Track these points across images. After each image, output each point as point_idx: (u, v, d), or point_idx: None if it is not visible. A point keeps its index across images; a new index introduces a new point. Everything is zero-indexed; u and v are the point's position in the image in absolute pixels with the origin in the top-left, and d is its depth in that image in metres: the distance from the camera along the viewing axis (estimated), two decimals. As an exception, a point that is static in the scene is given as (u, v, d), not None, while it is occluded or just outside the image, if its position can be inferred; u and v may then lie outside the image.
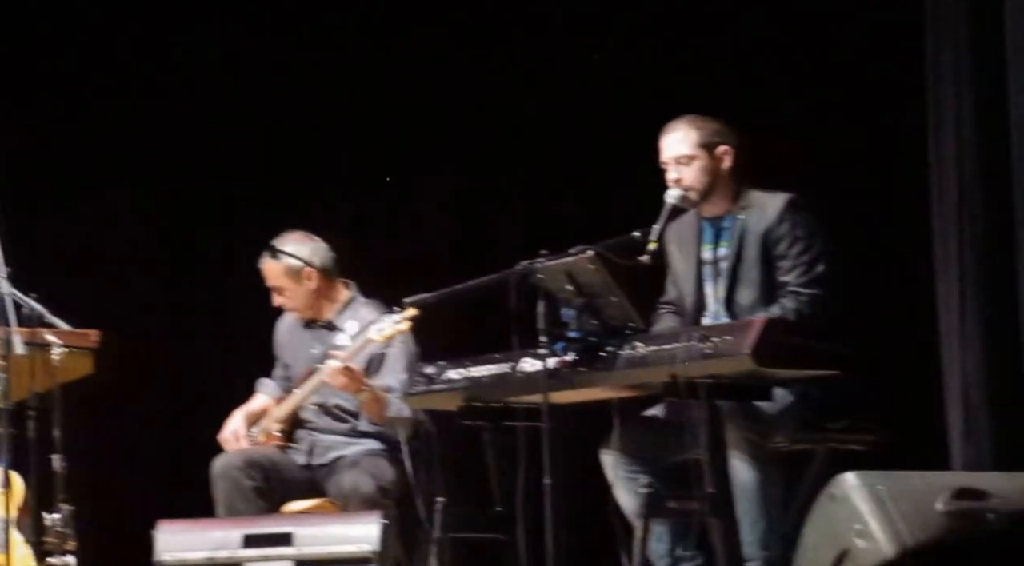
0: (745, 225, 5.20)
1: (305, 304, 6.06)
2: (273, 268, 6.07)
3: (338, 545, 5.22)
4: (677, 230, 5.37)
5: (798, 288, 5.09)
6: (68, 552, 5.59)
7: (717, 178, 5.27)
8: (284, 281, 6.05)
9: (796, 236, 5.14)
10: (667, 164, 5.29)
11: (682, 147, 5.27)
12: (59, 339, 5.59)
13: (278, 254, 6.07)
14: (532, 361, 5.08)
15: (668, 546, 5.10)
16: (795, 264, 5.13)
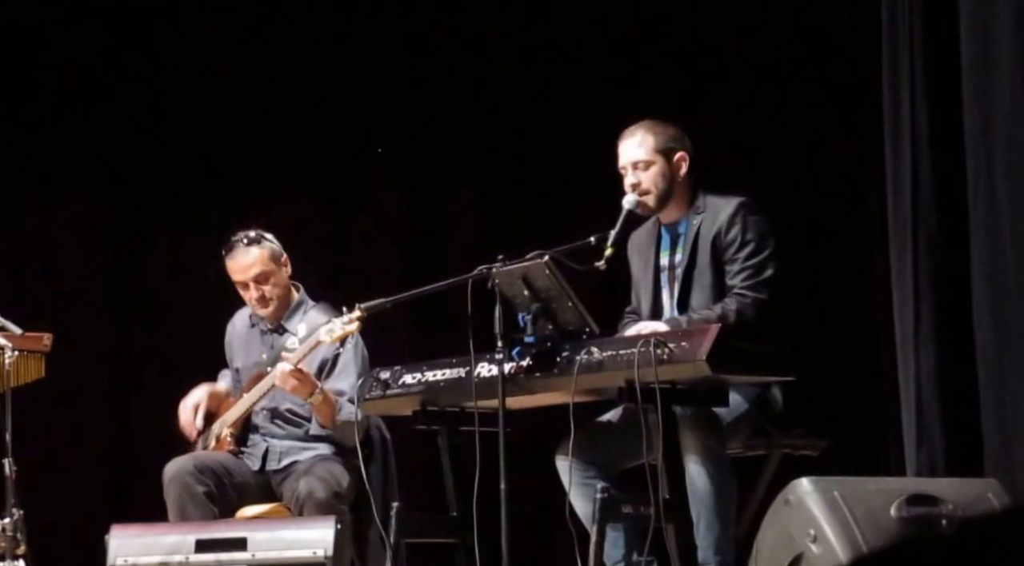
0: (699, 230, 5.23)
1: (280, 296, 5.92)
2: (259, 254, 5.87)
3: (292, 550, 5.20)
4: (638, 238, 5.40)
5: (743, 291, 5.12)
6: (19, 557, 5.58)
7: (674, 183, 5.30)
8: (271, 266, 5.88)
9: (746, 239, 5.17)
10: (624, 169, 5.31)
11: (639, 152, 5.29)
12: (11, 342, 5.58)
13: (261, 240, 5.90)
14: (488, 366, 5.07)
15: (623, 551, 5.11)
16: (742, 267, 5.15)
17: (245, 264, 5.89)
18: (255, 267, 5.89)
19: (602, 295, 5.52)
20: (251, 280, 5.89)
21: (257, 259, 5.89)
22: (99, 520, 5.77)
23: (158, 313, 7.44)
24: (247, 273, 5.89)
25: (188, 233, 7.37)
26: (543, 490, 5.97)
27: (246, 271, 5.89)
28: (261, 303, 5.92)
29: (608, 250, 5.10)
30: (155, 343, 7.37)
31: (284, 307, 5.97)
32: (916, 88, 5.50)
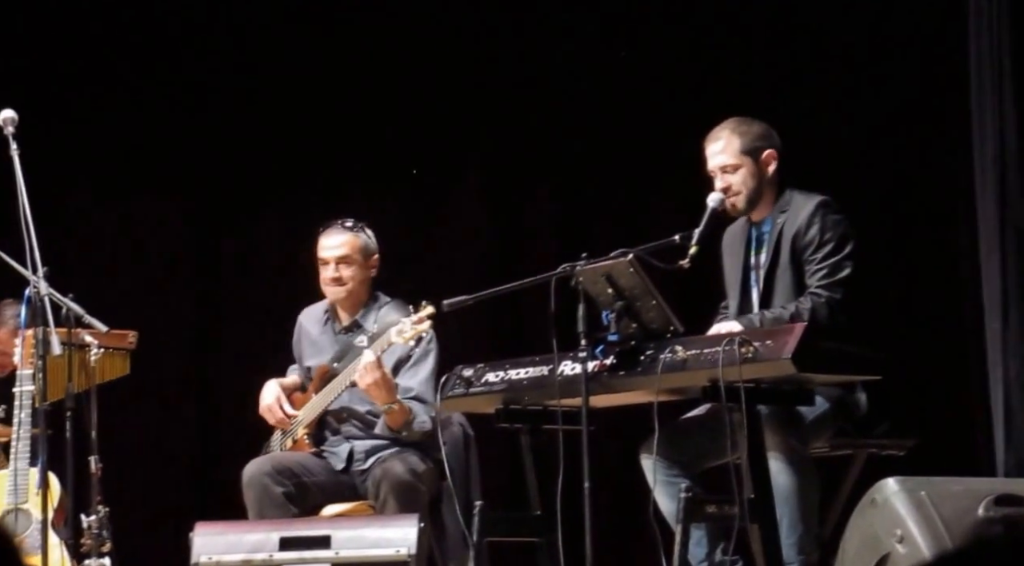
0: (781, 229, 5.26)
1: (359, 290, 5.99)
2: (351, 239, 5.94)
3: (375, 548, 5.25)
4: (730, 235, 5.45)
5: (818, 290, 5.16)
6: (104, 554, 5.69)
7: (763, 182, 5.33)
8: (357, 256, 5.94)
9: (824, 239, 5.20)
10: (713, 172, 5.35)
11: (725, 156, 5.32)
12: (96, 340, 5.69)
13: (361, 231, 5.98)
14: (571, 364, 5.11)
15: (707, 550, 5.17)
16: (819, 267, 5.18)
17: (336, 242, 5.95)
18: (343, 248, 5.95)
19: (686, 294, 5.57)
20: (334, 259, 5.94)
21: (348, 242, 5.95)
22: (183, 517, 5.87)
23: (241, 311, 7.53)
24: (334, 251, 5.95)
25: (271, 231, 7.47)
26: (626, 488, 6.02)
27: (333, 248, 5.95)
28: (336, 282, 5.95)
29: (692, 249, 5.14)
30: (238, 341, 7.47)
31: (357, 303, 6.03)
32: (1004, 87, 5.52)
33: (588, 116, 7.25)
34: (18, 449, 5.79)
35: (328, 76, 7.48)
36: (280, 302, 6.66)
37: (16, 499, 5.76)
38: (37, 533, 5.46)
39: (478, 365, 5.43)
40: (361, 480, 5.89)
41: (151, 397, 7.18)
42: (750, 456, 4.88)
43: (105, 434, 5.71)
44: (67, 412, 5.43)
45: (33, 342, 5.44)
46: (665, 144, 6.87)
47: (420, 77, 7.44)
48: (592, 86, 7.27)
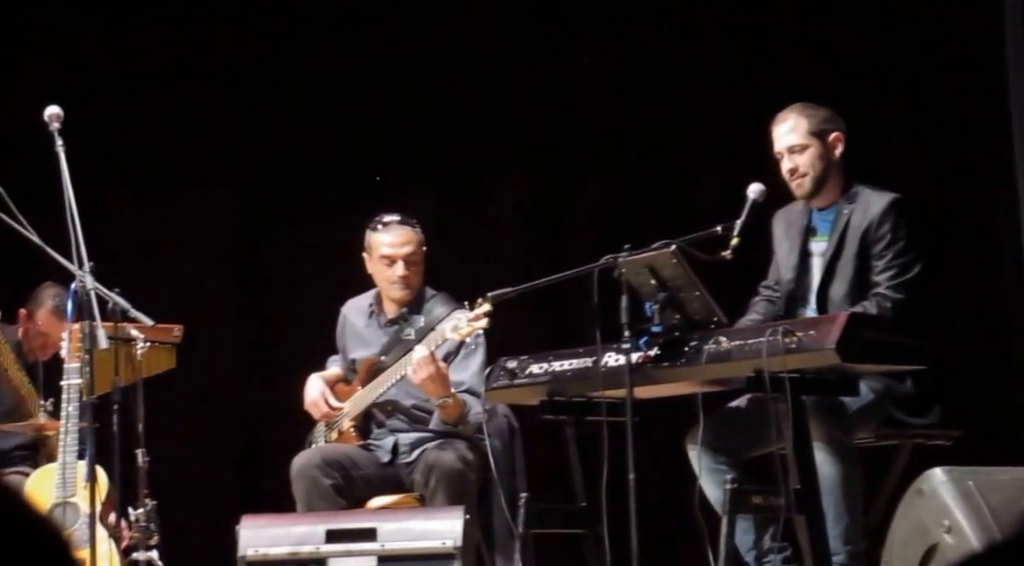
0: (849, 220, 5.25)
1: (418, 283, 6.00)
2: (415, 236, 5.92)
3: (421, 540, 5.27)
4: (786, 216, 5.44)
5: (886, 291, 5.14)
6: (151, 547, 5.71)
7: (831, 165, 5.32)
8: (420, 252, 5.93)
9: (896, 237, 5.18)
10: (780, 154, 5.34)
11: (793, 136, 5.32)
12: (142, 333, 5.71)
13: (416, 226, 5.96)
14: (615, 355, 5.12)
15: (755, 537, 5.16)
16: (888, 266, 5.17)
17: (403, 239, 5.92)
18: (410, 246, 5.92)
19: (729, 284, 5.56)
20: (401, 258, 5.91)
21: (414, 239, 5.93)
22: (229, 510, 5.90)
23: (285, 304, 7.56)
24: (402, 249, 5.91)
25: (314, 222, 7.49)
26: (671, 479, 6.01)
27: (401, 247, 5.91)
28: (404, 282, 5.93)
29: (734, 240, 5.13)
30: (282, 333, 7.49)
31: (410, 298, 6.05)
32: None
33: (630, 107, 7.24)
34: (66, 443, 5.83)
35: (371, 69, 7.50)
36: (324, 294, 6.67)
37: (64, 492, 5.79)
38: (85, 526, 5.49)
39: (522, 357, 5.44)
40: (407, 472, 5.90)
41: (197, 390, 7.21)
42: (795, 446, 4.88)
43: (152, 427, 5.74)
44: (114, 405, 5.46)
45: (80, 336, 5.47)
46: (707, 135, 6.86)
47: (463, 70, 7.44)
48: (633, 77, 7.26)
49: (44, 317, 6.48)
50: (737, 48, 7.06)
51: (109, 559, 5.61)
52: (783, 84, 6.65)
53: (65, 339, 5.85)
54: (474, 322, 5.49)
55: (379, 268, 5.96)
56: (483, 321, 5.49)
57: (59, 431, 5.90)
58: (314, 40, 7.55)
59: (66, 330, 6.11)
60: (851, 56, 6.85)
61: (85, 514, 5.58)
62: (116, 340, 5.48)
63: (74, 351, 5.75)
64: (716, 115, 6.67)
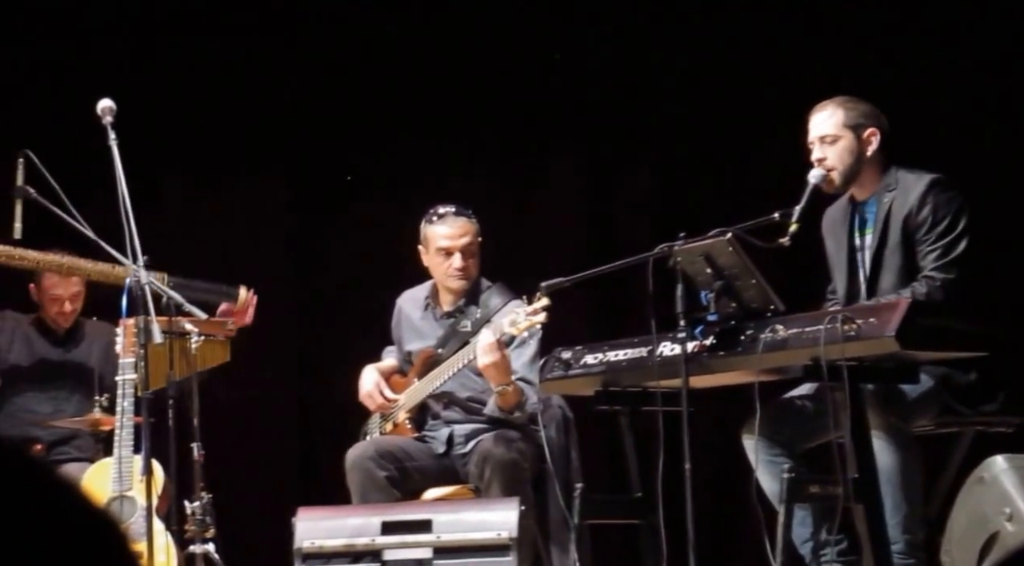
0: (890, 209, 5.20)
1: (475, 274, 5.99)
2: (472, 227, 5.91)
3: (477, 531, 5.27)
4: (831, 215, 5.39)
5: (932, 273, 5.09)
6: (208, 540, 5.74)
7: (862, 160, 5.27)
8: (476, 245, 5.93)
9: (937, 218, 5.13)
10: (812, 143, 5.30)
11: (827, 126, 5.27)
12: (196, 328, 5.73)
13: (472, 215, 5.94)
14: (670, 345, 5.10)
15: (812, 529, 5.13)
16: (932, 248, 5.11)
17: (460, 231, 5.91)
18: (468, 236, 5.91)
19: (787, 272, 5.53)
20: (459, 249, 5.90)
21: (470, 230, 5.92)
22: (285, 502, 5.91)
23: (340, 295, 7.57)
24: (459, 240, 5.90)
25: (369, 213, 7.49)
26: (728, 469, 5.99)
27: (459, 238, 5.90)
28: (463, 273, 5.92)
29: (793, 226, 5.09)
30: (337, 325, 7.50)
31: (466, 290, 6.03)
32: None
33: (685, 91, 7.21)
34: (122, 437, 5.86)
35: (423, 56, 7.50)
36: (379, 286, 6.68)
37: (121, 487, 5.82)
38: (142, 520, 5.52)
39: (576, 347, 5.43)
40: (462, 464, 5.90)
41: (251, 383, 7.23)
42: (854, 435, 4.85)
43: (207, 421, 5.76)
44: (169, 400, 5.48)
45: (134, 331, 5.49)
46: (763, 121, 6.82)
47: (515, 54, 7.43)
48: (688, 62, 7.23)
49: (47, 278, 6.52)
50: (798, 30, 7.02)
51: (166, 552, 5.63)
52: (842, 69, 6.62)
53: (120, 334, 5.88)
54: (532, 317, 5.48)
55: (436, 261, 5.95)
56: (541, 315, 5.47)
57: (115, 426, 5.92)
58: (364, 25, 7.55)
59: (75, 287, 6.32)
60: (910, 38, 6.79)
61: (142, 508, 5.61)
62: (170, 334, 5.49)
63: (129, 346, 5.77)
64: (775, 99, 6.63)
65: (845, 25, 6.95)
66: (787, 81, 6.77)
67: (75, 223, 5.49)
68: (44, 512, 1.31)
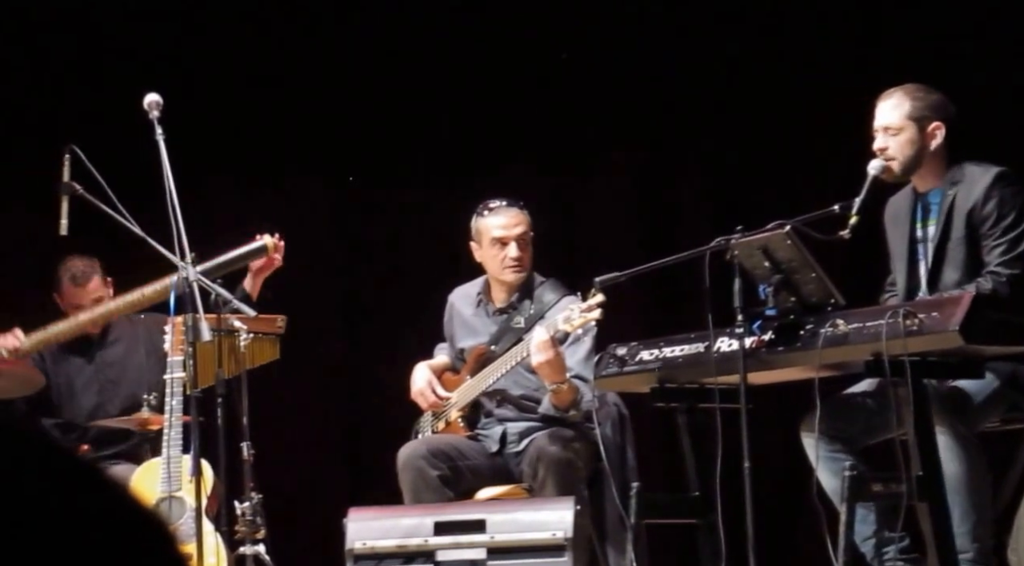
0: (953, 201, 5.14)
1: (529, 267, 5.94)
2: (526, 217, 5.89)
3: (531, 531, 5.25)
4: (894, 206, 5.34)
5: (997, 268, 5.04)
6: (258, 541, 5.72)
7: (924, 153, 5.21)
8: (530, 236, 5.90)
9: (1002, 213, 5.08)
10: (876, 131, 5.25)
11: (891, 117, 5.22)
12: (245, 325, 5.72)
13: (524, 207, 5.90)
14: (728, 340, 5.07)
15: (874, 527, 5.09)
16: (997, 243, 5.06)
17: (515, 221, 5.88)
18: (522, 227, 5.88)
19: (847, 265, 5.48)
20: (515, 239, 5.87)
21: (525, 221, 5.89)
22: (336, 503, 5.90)
23: (390, 292, 7.56)
24: (514, 230, 5.87)
25: (418, 210, 7.48)
26: (787, 467, 5.95)
27: (513, 228, 5.87)
28: (519, 264, 5.88)
29: (853, 218, 5.04)
30: (388, 322, 7.49)
31: (514, 284, 6.01)
32: None
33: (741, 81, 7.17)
34: (170, 437, 5.85)
35: (474, 52, 7.48)
36: (428, 282, 6.66)
37: (170, 487, 5.81)
38: (191, 521, 5.51)
39: (632, 343, 5.41)
40: (515, 462, 5.88)
41: (301, 382, 7.23)
42: (917, 432, 4.80)
43: (256, 420, 5.75)
44: (218, 398, 5.47)
45: (182, 329, 5.49)
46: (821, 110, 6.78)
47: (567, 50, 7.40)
48: (742, 52, 7.19)
49: (67, 288, 6.53)
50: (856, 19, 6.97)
51: (216, 553, 5.62)
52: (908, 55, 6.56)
53: (168, 332, 5.87)
54: (587, 313, 5.45)
55: (491, 253, 5.92)
56: (596, 312, 5.45)
57: (163, 425, 5.92)
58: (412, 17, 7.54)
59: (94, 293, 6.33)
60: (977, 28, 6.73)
61: (191, 509, 5.61)
62: (219, 332, 5.48)
63: (177, 344, 5.77)
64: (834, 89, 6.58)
65: (908, 8, 6.88)
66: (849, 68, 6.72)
67: (121, 219, 5.49)
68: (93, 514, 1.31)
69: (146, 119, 5.44)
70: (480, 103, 7.46)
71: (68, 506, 1.29)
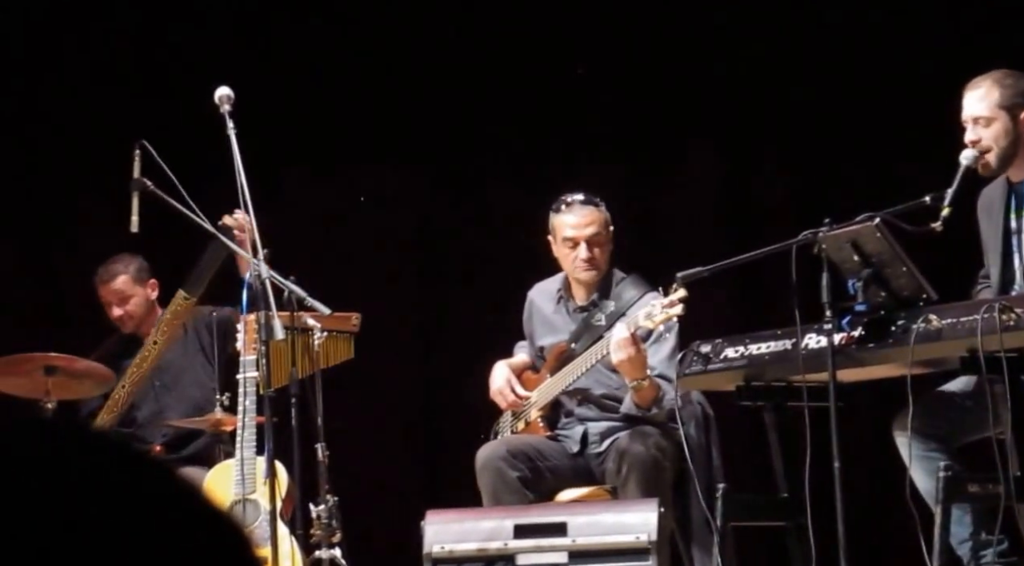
0: (1049, 190, 5.09)
1: (606, 265, 5.92)
2: (598, 216, 5.85)
3: (614, 534, 5.23)
4: (988, 196, 5.26)
5: None
6: (334, 544, 5.71)
7: (1019, 142, 5.13)
8: (605, 231, 5.85)
9: None
10: (966, 122, 5.18)
11: (980, 107, 5.14)
12: (319, 323, 5.71)
13: (600, 204, 5.86)
14: (816, 337, 5.03)
15: (971, 529, 5.02)
16: None
17: (586, 220, 5.84)
18: (594, 226, 5.85)
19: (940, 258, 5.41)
20: (585, 239, 5.83)
21: (596, 219, 5.85)
22: (414, 505, 5.89)
23: (467, 289, 7.55)
24: (584, 230, 5.84)
25: (496, 205, 7.47)
26: (879, 467, 5.89)
27: (584, 227, 5.83)
28: (590, 264, 5.85)
29: (945, 210, 4.98)
30: (465, 320, 7.48)
31: (595, 281, 5.97)
32: None
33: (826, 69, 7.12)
34: (244, 438, 5.85)
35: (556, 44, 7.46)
36: (507, 279, 6.64)
37: (244, 490, 5.81)
38: (266, 524, 5.51)
39: (716, 340, 5.37)
40: (597, 463, 5.85)
41: (377, 381, 7.23)
42: (1015, 430, 4.76)
43: (331, 420, 5.74)
44: (292, 398, 5.46)
45: (255, 327, 5.49)
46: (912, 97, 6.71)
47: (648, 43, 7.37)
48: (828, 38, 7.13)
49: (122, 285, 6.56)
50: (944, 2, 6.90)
51: (291, 557, 5.62)
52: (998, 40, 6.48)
53: (240, 330, 5.87)
54: (669, 309, 5.41)
55: (563, 252, 5.90)
56: (678, 308, 5.41)
57: (236, 427, 5.92)
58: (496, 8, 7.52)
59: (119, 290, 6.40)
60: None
61: (265, 511, 5.60)
62: (293, 330, 5.47)
63: (250, 343, 5.77)
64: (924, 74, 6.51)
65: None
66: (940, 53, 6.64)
67: (192, 216, 5.50)
68: (166, 517, 1.30)
69: (217, 113, 5.44)
70: (560, 93, 7.44)
71: (141, 509, 1.28)
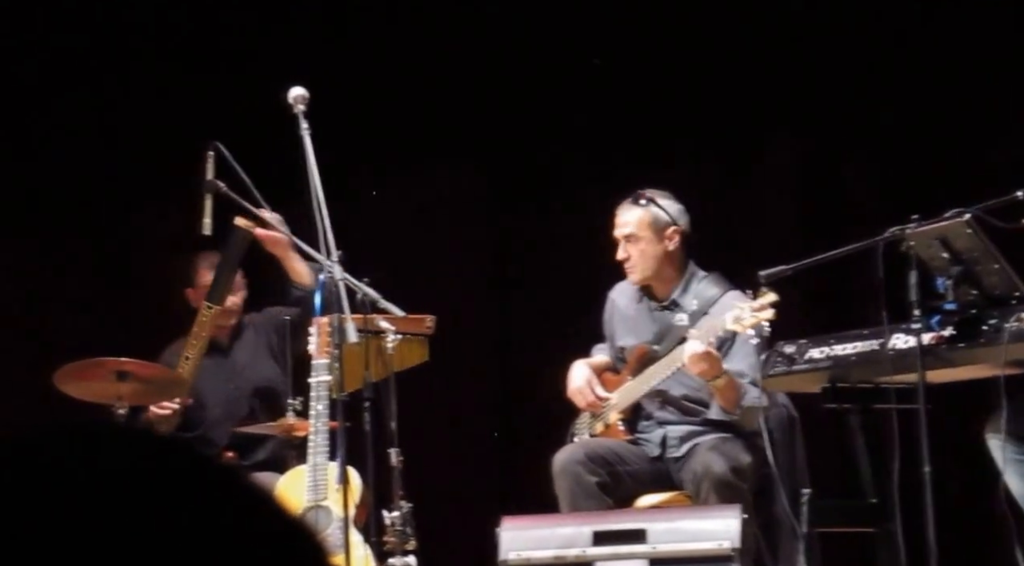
0: None
1: (651, 267, 5.91)
2: (638, 216, 5.91)
3: (695, 542, 5.20)
4: None
5: None
6: (408, 552, 5.69)
7: None
8: (645, 233, 5.90)
9: None
10: None
11: None
12: (393, 325, 5.69)
13: (648, 202, 5.93)
14: (904, 337, 5.01)
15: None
16: None
17: (622, 220, 5.93)
18: (629, 226, 5.91)
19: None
20: (622, 237, 5.91)
21: (634, 220, 5.90)
22: (489, 511, 5.87)
23: (541, 289, 7.54)
24: (620, 229, 5.92)
25: (571, 204, 7.45)
26: (972, 471, 5.83)
27: (620, 227, 5.93)
28: (626, 264, 5.93)
29: (1038, 206, 4.96)
30: (542, 320, 7.46)
31: (668, 279, 5.93)
32: None
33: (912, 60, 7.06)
34: (316, 443, 5.84)
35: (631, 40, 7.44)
36: (582, 279, 6.62)
37: (316, 495, 5.80)
38: (339, 531, 5.50)
39: (800, 341, 5.36)
40: (676, 468, 5.82)
41: (451, 384, 7.22)
42: (1112, 433, 4.67)
43: (405, 425, 5.72)
44: (365, 403, 5.45)
45: (328, 330, 5.48)
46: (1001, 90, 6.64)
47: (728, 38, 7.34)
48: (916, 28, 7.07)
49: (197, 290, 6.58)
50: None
51: (365, 565, 5.60)
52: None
53: (313, 333, 5.87)
54: (758, 313, 5.38)
55: None
56: (768, 312, 5.38)
57: (309, 431, 5.91)
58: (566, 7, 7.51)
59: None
60: None
61: (338, 518, 5.59)
62: (366, 333, 5.46)
63: (323, 346, 5.75)
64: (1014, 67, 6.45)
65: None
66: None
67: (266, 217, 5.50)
68: (239, 523, 1.29)
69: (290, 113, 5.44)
70: (636, 89, 7.42)
71: (214, 515, 1.28)
